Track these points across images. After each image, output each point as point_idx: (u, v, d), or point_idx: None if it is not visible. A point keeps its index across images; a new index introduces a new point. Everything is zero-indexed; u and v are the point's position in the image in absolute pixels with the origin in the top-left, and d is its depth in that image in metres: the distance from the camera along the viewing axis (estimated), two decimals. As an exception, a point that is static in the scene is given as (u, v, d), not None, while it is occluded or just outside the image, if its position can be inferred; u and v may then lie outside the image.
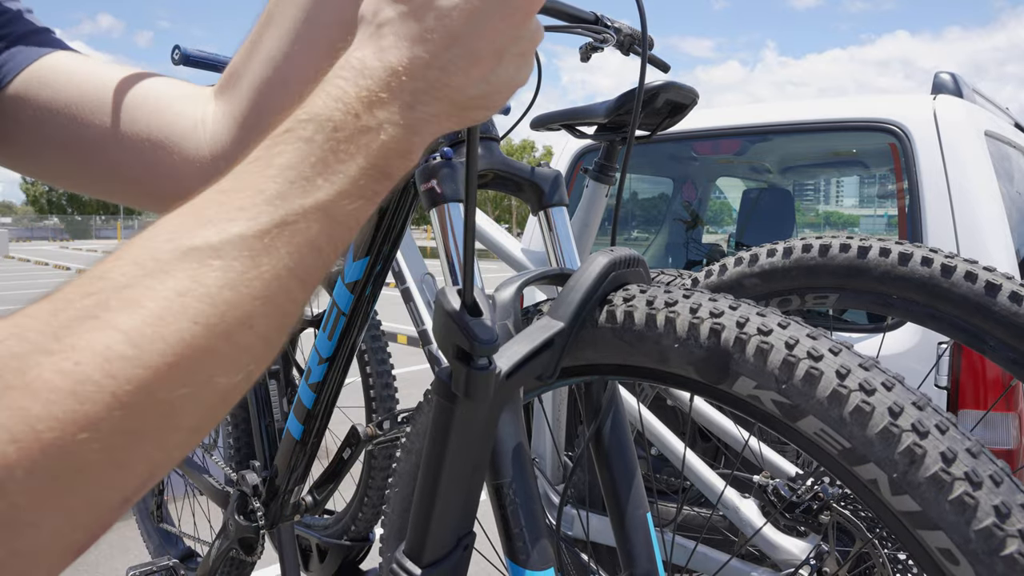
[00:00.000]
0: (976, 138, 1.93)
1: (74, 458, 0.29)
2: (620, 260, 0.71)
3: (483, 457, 0.68)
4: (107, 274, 0.33)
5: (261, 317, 0.35)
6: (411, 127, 0.40)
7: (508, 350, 0.65)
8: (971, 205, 1.82)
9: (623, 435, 0.83)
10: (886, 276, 1.06)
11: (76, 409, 0.29)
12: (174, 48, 1.56)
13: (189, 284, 0.33)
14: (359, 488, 1.85)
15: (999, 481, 0.52)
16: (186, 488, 2.08)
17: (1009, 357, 1.02)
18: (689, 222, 3.29)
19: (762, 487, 1.42)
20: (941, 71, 2.26)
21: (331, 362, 1.27)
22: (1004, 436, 1.71)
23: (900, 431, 0.53)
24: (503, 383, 0.63)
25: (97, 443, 0.30)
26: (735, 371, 0.60)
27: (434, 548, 0.68)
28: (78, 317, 0.31)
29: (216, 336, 0.33)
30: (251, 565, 1.53)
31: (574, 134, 1.63)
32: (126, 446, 0.31)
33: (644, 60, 0.87)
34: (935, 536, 0.52)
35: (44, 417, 0.29)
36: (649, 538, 0.83)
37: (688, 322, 0.62)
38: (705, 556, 1.64)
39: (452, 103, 0.41)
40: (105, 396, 0.30)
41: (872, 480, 0.55)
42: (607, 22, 1.19)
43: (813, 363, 0.57)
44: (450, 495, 0.67)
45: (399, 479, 0.95)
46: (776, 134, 2.47)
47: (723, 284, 1.20)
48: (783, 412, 0.58)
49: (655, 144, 2.43)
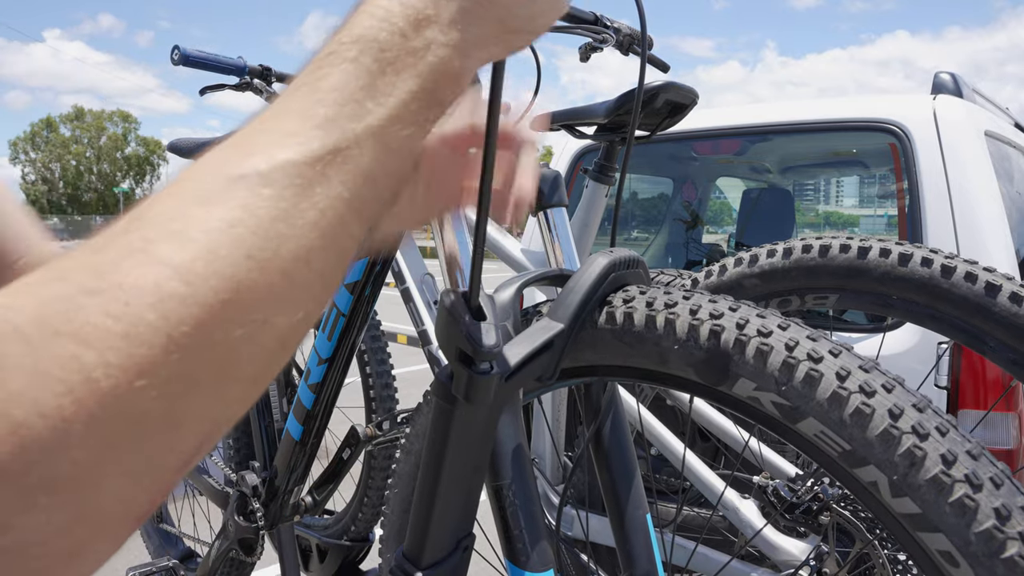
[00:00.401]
0: (976, 138, 1.93)
1: (133, 409, 0.27)
2: (620, 261, 0.71)
3: (483, 458, 0.67)
4: (146, 212, 0.31)
5: (318, 251, 0.32)
6: (460, 48, 0.37)
7: (508, 351, 0.65)
8: (971, 205, 1.82)
9: (623, 436, 0.83)
10: (886, 277, 1.06)
11: (132, 354, 0.27)
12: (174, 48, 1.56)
13: (240, 214, 0.30)
14: (359, 488, 1.84)
15: (999, 483, 0.51)
16: (186, 488, 2.08)
17: (1009, 358, 1.02)
18: (689, 222, 3.29)
19: (762, 488, 1.42)
20: (941, 71, 2.26)
21: (330, 363, 1.27)
22: (1004, 436, 1.71)
23: (900, 433, 0.53)
24: (503, 385, 0.63)
25: (155, 391, 0.27)
26: (735, 373, 0.60)
27: (433, 550, 0.67)
28: (121, 253, 0.29)
29: (272, 272, 0.30)
30: (251, 565, 1.53)
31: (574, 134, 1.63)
32: (184, 395, 0.29)
33: (643, 60, 0.87)
34: (935, 538, 0.52)
35: (99, 364, 0.26)
36: (649, 539, 0.83)
37: (688, 323, 0.62)
38: (705, 557, 1.64)
39: (500, 24, 0.39)
40: (160, 338, 0.27)
41: (872, 482, 0.55)
42: (606, 22, 1.18)
43: (813, 365, 0.57)
44: (449, 497, 0.67)
45: (398, 480, 0.95)
46: (776, 134, 2.47)
47: (723, 285, 1.20)
48: (783, 414, 0.58)
49: (655, 144, 2.43)
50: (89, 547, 0.28)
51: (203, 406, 0.30)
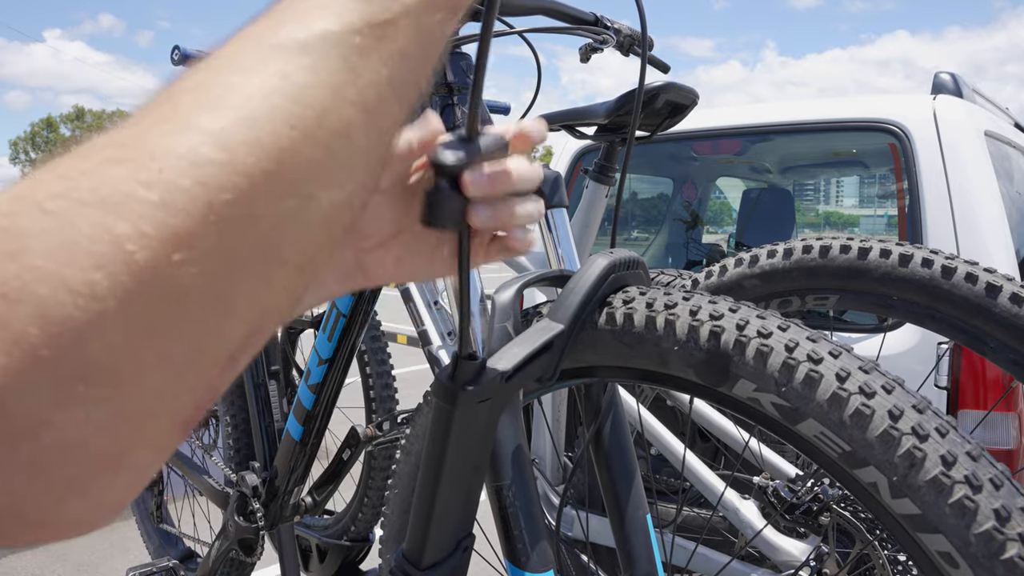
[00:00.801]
0: (976, 138, 1.93)
1: (172, 286, 0.24)
2: (620, 262, 0.71)
3: (483, 459, 0.67)
4: (179, 85, 0.28)
5: (360, 127, 0.30)
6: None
7: (507, 352, 0.65)
8: (971, 205, 1.81)
9: (623, 436, 0.83)
10: (887, 277, 1.06)
11: (168, 223, 0.24)
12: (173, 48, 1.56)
13: (279, 82, 0.28)
14: (359, 489, 1.84)
15: (999, 484, 0.51)
16: (186, 489, 2.08)
17: (1010, 359, 1.01)
18: (689, 222, 3.28)
19: (762, 488, 1.42)
20: (941, 71, 2.26)
21: (331, 363, 1.27)
22: (1004, 436, 1.71)
23: (900, 434, 0.53)
24: (502, 386, 0.63)
25: (195, 267, 0.25)
26: (735, 374, 0.60)
27: (433, 550, 0.67)
28: (151, 123, 0.26)
29: (315, 144, 0.28)
30: (251, 566, 1.53)
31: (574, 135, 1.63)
32: (228, 275, 0.26)
33: (644, 61, 0.87)
34: (935, 539, 0.52)
35: (132, 235, 0.23)
36: (649, 539, 0.83)
37: (688, 324, 0.62)
38: (705, 557, 1.64)
39: None
40: (199, 206, 0.25)
41: (872, 483, 0.55)
42: (607, 23, 1.18)
43: (813, 366, 0.57)
44: (449, 497, 0.67)
45: (399, 480, 0.95)
46: (776, 134, 2.47)
47: (723, 285, 1.19)
48: (783, 415, 0.58)
49: (655, 144, 2.43)
50: (132, 453, 0.26)
51: (249, 289, 0.27)
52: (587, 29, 1.03)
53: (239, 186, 0.26)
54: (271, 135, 0.27)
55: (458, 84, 0.87)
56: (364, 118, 0.31)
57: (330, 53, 0.30)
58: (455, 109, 0.86)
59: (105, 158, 0.25)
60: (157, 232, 0.24)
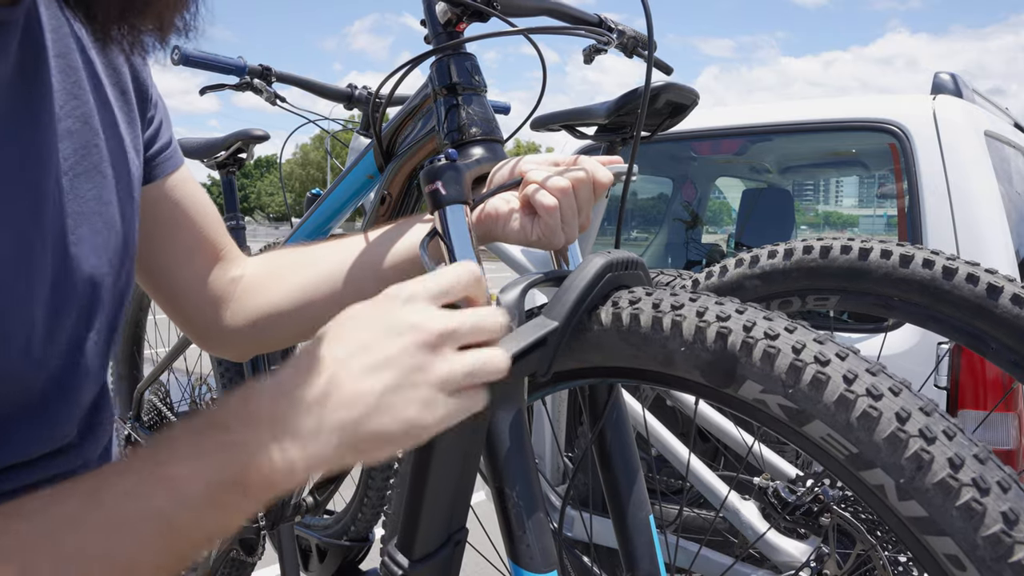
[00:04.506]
0: (976, 138, 1.93)
1: None
2: (617, 262, 0.70)
3: (474, 447, 0.67)
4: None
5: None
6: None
7: (502, 345, 0.64)
8: (971, 206, 1.82)
9: (625, 437, 0.83)
10: (887, 278, 1.06)
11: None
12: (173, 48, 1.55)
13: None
14: (359, 489, 1.84)
15: (1007, 487, 0.51)
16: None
17: (1010, 359, 1.02)
18: (689, 222, 3.29)
19: (762, 489, 1.42)
20: (941, 71, 2.26)
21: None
22: (1004, 437, 1.71)
23: (907, 436, 0.53)
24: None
25: None
26: (741, 375, 0.60)
27: (424, 542, 0.67)
28: None
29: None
30: (251, 565, 1.53)
31: (574, 135, 1.63)
32: None
33: (650, 63, 0.87)
34: (942, 542, 0.52)
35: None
36: (651, 540, 0.83)
37: (695, 325, 0.62)
38: (706, 558, 1.64)
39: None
40: None
41: (879, 485, 0.55)
42: (610, 24, 1.18)
43: (820, 368, 0.57)
44: (439, 486, 0.66)
45: (401, 480, 0.95)
46: (776, 134, 2.47)
47: (723, 285, 1.19)
48: (789, 417, 0.58)
49: (655, 144, 2.43)
50: None
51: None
52: (589, 30, 1.03)
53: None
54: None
55: (462, 85, 0.87)
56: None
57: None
58: (459, 110, 0.86)
59: None
60: None
